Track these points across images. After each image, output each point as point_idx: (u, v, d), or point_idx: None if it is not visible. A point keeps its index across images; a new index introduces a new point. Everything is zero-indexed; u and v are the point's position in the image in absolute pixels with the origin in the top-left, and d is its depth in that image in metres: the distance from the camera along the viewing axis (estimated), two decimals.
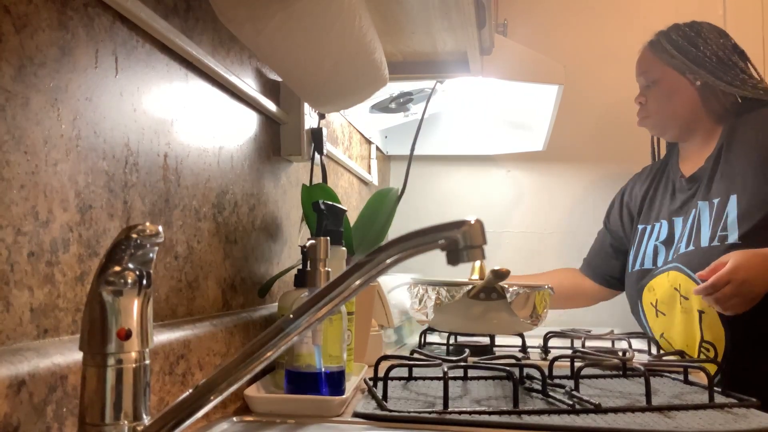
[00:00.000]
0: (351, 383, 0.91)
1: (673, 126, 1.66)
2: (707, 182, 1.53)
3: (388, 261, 0.54)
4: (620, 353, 1.16)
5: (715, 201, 1.49)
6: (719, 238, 1.44)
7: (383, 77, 1.06)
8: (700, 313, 1.45)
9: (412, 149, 1.33)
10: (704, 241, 1.47)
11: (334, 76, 0.95)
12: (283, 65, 0.90)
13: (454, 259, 0.53)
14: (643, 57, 1.69)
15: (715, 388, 0.93)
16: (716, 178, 1.51)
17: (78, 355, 0.53)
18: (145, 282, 0.51)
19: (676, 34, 1.61)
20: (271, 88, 1.11)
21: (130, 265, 0.50)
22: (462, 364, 0.98)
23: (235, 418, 0.80)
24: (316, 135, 1.18)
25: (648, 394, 0.88)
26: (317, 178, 1.21)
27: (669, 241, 1.58)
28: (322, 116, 1.25)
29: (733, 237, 1.43)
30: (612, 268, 1.82)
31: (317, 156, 1.20)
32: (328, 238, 0.84)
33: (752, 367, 1.38)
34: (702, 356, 1.44)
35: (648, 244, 1.63)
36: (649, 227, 1.66)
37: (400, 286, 1.54)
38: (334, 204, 0.98)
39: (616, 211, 1.84)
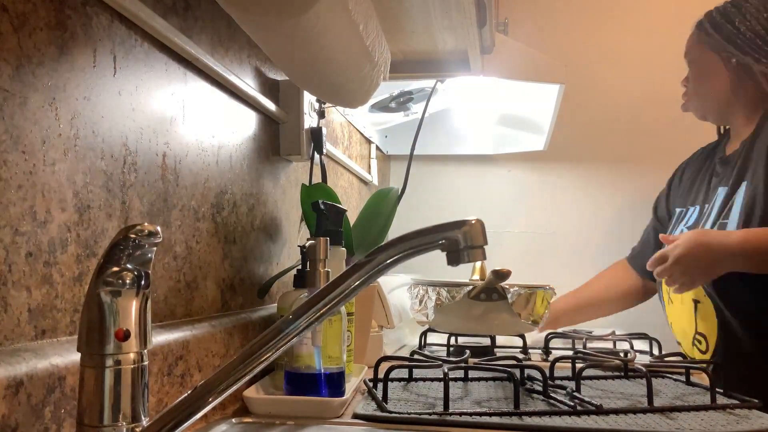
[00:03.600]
0: (351, 384, 0.91)
1: (711, 108, 1.59)
2: (732, 167, 1.48)
3: (388, 261, 0.54)
4: (622, 354, 1.16)
5: (728, 187, 1.45)
6: (719, 225, 1.41)
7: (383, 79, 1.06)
8: (695, 302, 1.43)
9: (412, 149, 1.33)
10: (708, 227, 1.44)
11: (337, 77, 0.95)
12: (288, 64, 0.90)
13: (454, 259, 0.53)
14: (689, 38, 1.61)
15: (717, 389, 0.93)
16: (738, 164, 1.46)
17: (76, 356, 0.52)
18: (143, 282, 0.50)
19: (718, 11, 1.53)
20: (270, 88, 1.10)
21: (129, 266, 0.50)
22: (462, 365, 0.97)
23: (234, 420, 0.80)
24: (316, 134, 1.18)
25: (650, 396, 0.88)
26: (317, 178, 1.21)
27: (695, 227, 1.53)
28: (321, 115, 1.24)
29: (731, 225, 1.40)
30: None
31: (317, 155, 1.19)
32: (328, 238, 0.83)
33: (744, 363, 1.37)
34: (695, 348, 1.43)
35: (678, 229, 1.57)
36: (683, 210, 1.60)
37: (400, 287, 1.54)
38: (334, 204, 0.98)
39: (663, 197, 1.77)
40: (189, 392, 0.51)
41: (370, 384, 0.94)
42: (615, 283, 1.77)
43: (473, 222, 0.53)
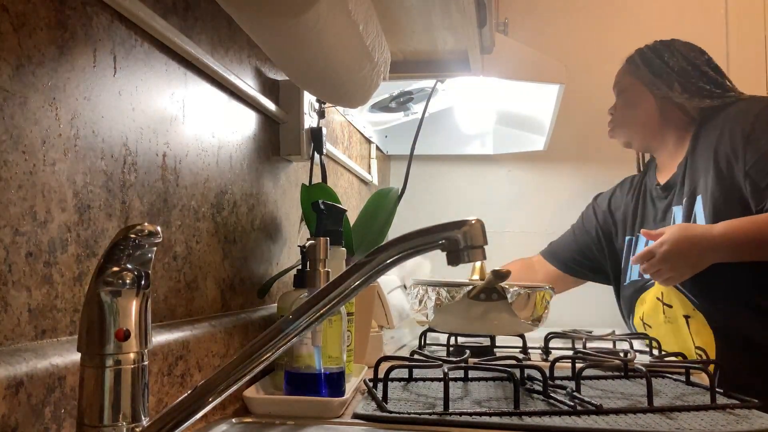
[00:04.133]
0: (351, 384, 0.91)
1: (638, 136, 1.68)
2: (679, 187, 1.56)
3: (388, 261, 0.54)
4: (622, 354, 1.16)
5: (684, 203, 1.52)
6: None
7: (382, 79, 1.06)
8: (686, 318, 1.46)
9: (412, 149, 1.33)
10: None
11: (337, 77, 0.95)
12: (287, 64, 0.90)
13: (454, 259, 0.53)
14: (618, 72, 1.73)
15: (717, 389, 0.93)
16: (685, 181, 1.54)
17: (76, 356, 0.52)
18: (143, 282, 0.50)
19: (648, 47, 1.65)
20: (270, 88, 1.10)
21: (129, 266, 0.50)
22: (462, 365, 0.97)
23: (234, 420, 0.80)
24: (316, 134, 1.18)
25: (649, 395, 0.88)
26: (317, 178, 1.21)
27: None
28: (321, 115, 1.24)
29: None
30: (575, 259, 1.85)
31: (317, 156, 1.19)
32: (328, 238, 0.84)
33: (743, 369, 1.39)
34: None
35: (638, 250, 1.63)
36: (634, 239, 1.67)
37: (400, 287, 1.54)
38: (334, 204, 0.98)
39: (591, 210, 1.87)
40: (189, 392, 0.51)
41: (370, 384, 0.94)
42: (522, 277, 1.83)
43: (473, 222, 0.53)
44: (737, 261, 1.37)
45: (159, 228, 0.50)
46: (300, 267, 0.96)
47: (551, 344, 1.37)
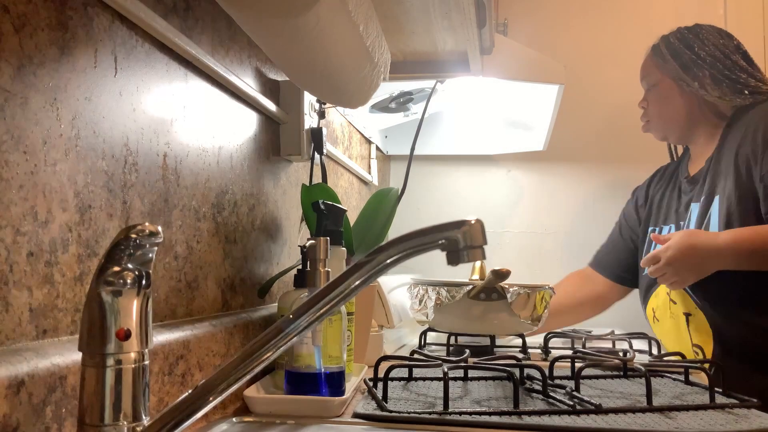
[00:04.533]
0: (351, 384, 0.91)
1: (673, 130, 1.65)
2: (701, 184, 1.54)
3: (388, 261, 0.54)
4: (621, 354, 1.16)
5: (702, 202, 1.50)
6: None
7: (383, 79, 1.06)
8: (687, 315, 1.46)
9: (412, 149, 1.33)
10: None
11: (337, 77, 0.95)
12: (287, 64, 0.90)
13: (454, 259, 0.53)
14: (644, 62, 1.68)
15: (716, 389, 0.93)
16: (707, 179, 1.52)
17: (77, 356, 0.52)
18: (144, 282, 0.51)
19: (675, 37, 1.60)
20: (270, 88, 1.11)
21: (130, 266, 0.50)
22: (462, 364, 0.97)
23: (234, 419, 0.80)
24: (316, 135, 1.18)
25: (649, 395, 0.88)
26: (317, 178, 1.21)
27: None
28: (321, 116, 1.25)
29: None
30: (622, 263, 1.78)
31: (317, 156, 1.19)
32: (328, 238, 0.84)
33: (740, 370, 1.39)
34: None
35: (653, 248, 1.62)
36: (655, 229, 1.65)
37: (400, 287, 1.54)
38: (334, 204, 0.98)
39: (632, 205, 1.81)
40: (190, 392, 0.51)
41: (370, 383, 0.94)
42: (573, 291, 1.79)
43: (473, 222, 0.53)
44: (742, 269, 1.36)
45: (160, 228, 0.50)
46: (300, 267, 0.96)
47: (551, 344, 1.37)
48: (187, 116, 0.81)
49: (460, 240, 0.53)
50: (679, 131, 1.64)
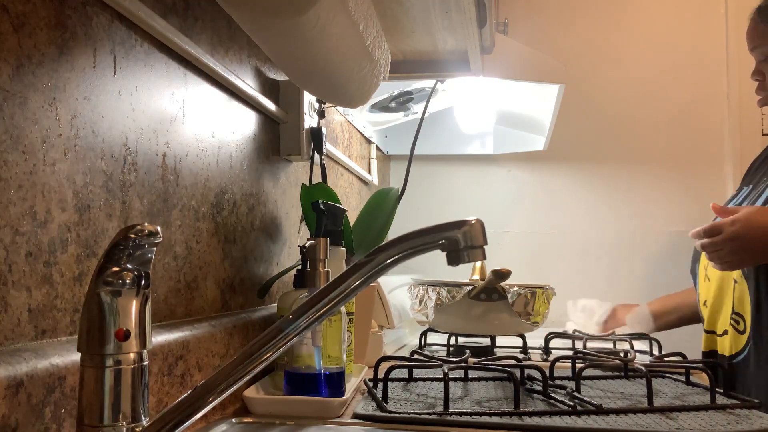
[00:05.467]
0: (351, 384, 0.91)
1: None
2: None
3: (388, 261, 0.54)
4: (622, 354, 1.16)
5: None
6: None
7: (383, 79, 1.06)
8: (734, 282, 1.36)
9: (413, 149, 1.33)
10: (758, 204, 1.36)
11: (337, 77, 0.95)
12: (287, 64, 0.90)
13: (454, 259, 0.53)
14: (751, 29, 1.47)
15: (717, 389, 0.93)
16: None
17: (76, 356, 0.52)
18: (143, 282, 0.50)
19: None
20: (270, 88, 1.10)
21: (129, 266, 0.50)
22: (462, 365, 0.97)
23: (234, 420, 0.80)
24: (316, 134, 1.18)
25: (649, 395, 0.88)
26: (317, 178, 1.21)
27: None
28: (321, 115, 1.24)
29: None
30: None
31: (317, 155, 1.19)
32: (328, 238, 0.84)
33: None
34: (731, 329, 1.37)
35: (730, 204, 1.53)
36: (741, 188, 1.53)
37: (400, 287, 1.54)
38: (334, 204, 0.98)
39: None
40: (189, 392, 0.51)
41: (370, 384, 0.94)
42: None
43: (473, 222, 0.53)
44: None
45: (159, 228, 0.50)
46: (300, 267, 0.96)
47: (551, 344, 1.37)
48: (187, 116, 0.81)
49: (460, 240, 0.53)
50: None
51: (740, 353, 1.36)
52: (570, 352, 1.18)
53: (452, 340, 1.37)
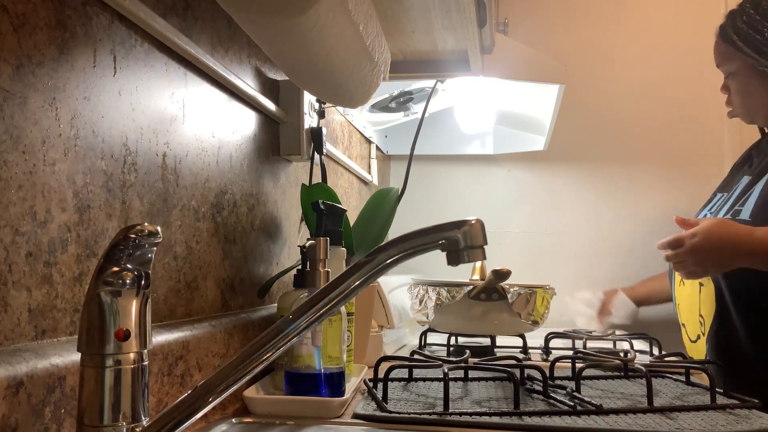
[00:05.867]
0: (351, 384, 0.91)
1: (759, 115, 1.55)
2: (761, 159, 1.46)
3: (388, 261, 0.54)
4: (622, 354, 1.16)
5: (752, 176, 1.43)
6: (733, 212, 1.39)
7: (383, 79, 1.06)
8: (700, 285, 1.43)
9: (413, 149, 1.33)
10: (722, 214, 1.43)
11: (337, 77, 0.95)
12: (287, 64, 0.90)
13: (454, 259, 0.53)
14: (716, 48, 1.56)
15: (717, 389, 0.93)
16: (766, 156, 1.45)
17: (76, 356, 0.52)
18: (143, 282, 0.50)
19: (741, 19, 1.49)
20: (270, 88, 1.10)
21: (129, 266, 0.50)
22: (462, 365, 0.97)
23: (234, 420, 0.80)
24: (316, 134, 1.18)
25: (649, 396, 0.88)
26: (317, 178, 1.21)
27: (716, 213, 1.51)
28: (321, 115, 1.24)
29: (744, 214, 1.36)
30: None
31: (317, 155, 1.19)
32: (328, 238, 0.83)
33: (735, 351, 1.36)
34: (698, 330, 1.43)
35: (702, 213, 1.56)
36: (715, 194, 1.59)
37: (400, 287, 1.54)
38: (334, 204, 0.98)
39: None
40: (189, 392, 0.51)
41: (370, 384, 0.94)
42: None
43: (473, 222, 0.53)
44: None
45: (159, 228, 0.50)
46: (300, 267, 0.96)
47: (551, 344, 1.37)
48: (187, 116, 0.81)
49: (460, 240, 0.53)
50: (765, 114, 1.54)
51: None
52: (570, 352, 1.18)
53: (452, 340, 1.37)
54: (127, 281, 0.49)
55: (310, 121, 1.18)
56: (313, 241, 0.81)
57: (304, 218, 1.08)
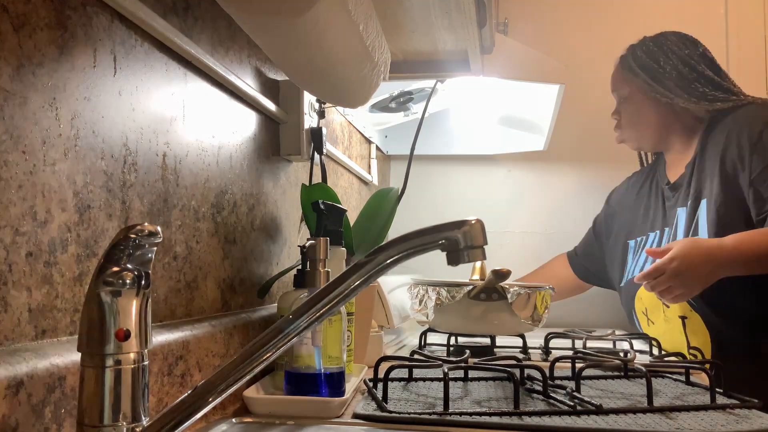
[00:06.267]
0: (351, 384, 0.91)
1: (647, 140, 1.68)
2: (685, 188, 1.54)
3: (388, 261, 0.54)
4: (621, 354, 1.16)
5: (688, 206, 1.51)
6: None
7: (383, 79, 1.06)
8: (683, 318, 1.46)
9: (412, 149, 1.33)
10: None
11: (337, 77, 0.95)
12: (287, 64, 0.90)
13: (454, 259, 0.53)
14: (613, 74, 1.70)
15: (717, 389, 0.93)
16: (692, 183, 1.52)
17: (76, 356, 0.52)
18: (143, 282, 0.50)
19: (641, 49, 1.62)
20: (270, 88, 1.10)
21: (129, 266, 0.50)
22: (462, 365, 0.97)
23: (234, 420, 0.80)
24: (316, 134, 1.18)
25: (649, 395, 0.88)
26: (317, 178, 1.21)
27: None
28: (321, 115, 1.24)
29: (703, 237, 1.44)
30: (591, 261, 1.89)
31: (317, 156, 1.19)
32: (328, 238, 0.84)
33: (739, 368, 1.39)
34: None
35: (642, 257, 1.63)
36: (643, 238, 1.66)
37: (400, 287, 1.54)
38: (334, 204, 0.98)
39: (603, 214, 1.90)
40: (189, 392, 0.51)
41: (370, 384, 0.94)
42: (556, 276, 1.89)
43: (473, 222, 0.53)
44: (749, 274, 1.33)
45: (159, 228, 0.50)
46: (300, 267, 0.96)
47: (551, 344, 1.37)
48: (187, 116, 0.81)
49: (460, 240, 0.53)
50: (653, 141, 1.66)
51: None
52: (570, 352, 1.18)
53: (452, 340, 1.37)
54: (127, 281, 0.49)
55: (310, 121, 1.18)
56: (313, 241, 0.81)
57: (304, 218, 1.08)
